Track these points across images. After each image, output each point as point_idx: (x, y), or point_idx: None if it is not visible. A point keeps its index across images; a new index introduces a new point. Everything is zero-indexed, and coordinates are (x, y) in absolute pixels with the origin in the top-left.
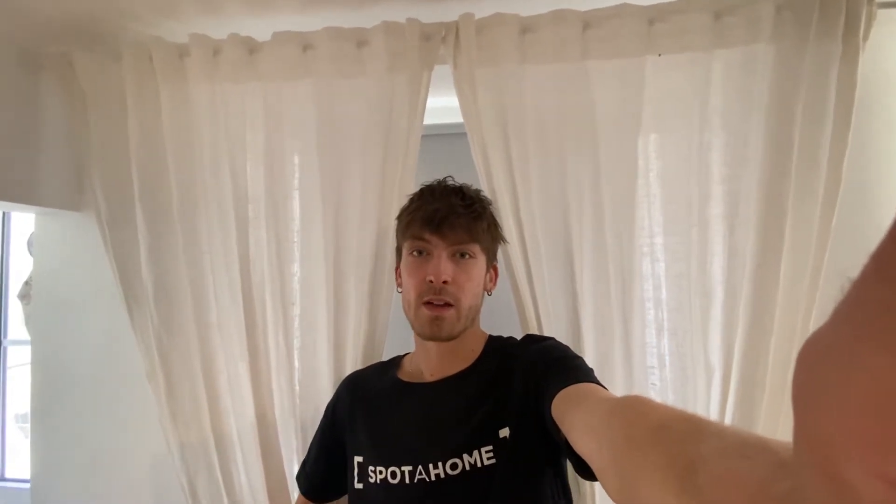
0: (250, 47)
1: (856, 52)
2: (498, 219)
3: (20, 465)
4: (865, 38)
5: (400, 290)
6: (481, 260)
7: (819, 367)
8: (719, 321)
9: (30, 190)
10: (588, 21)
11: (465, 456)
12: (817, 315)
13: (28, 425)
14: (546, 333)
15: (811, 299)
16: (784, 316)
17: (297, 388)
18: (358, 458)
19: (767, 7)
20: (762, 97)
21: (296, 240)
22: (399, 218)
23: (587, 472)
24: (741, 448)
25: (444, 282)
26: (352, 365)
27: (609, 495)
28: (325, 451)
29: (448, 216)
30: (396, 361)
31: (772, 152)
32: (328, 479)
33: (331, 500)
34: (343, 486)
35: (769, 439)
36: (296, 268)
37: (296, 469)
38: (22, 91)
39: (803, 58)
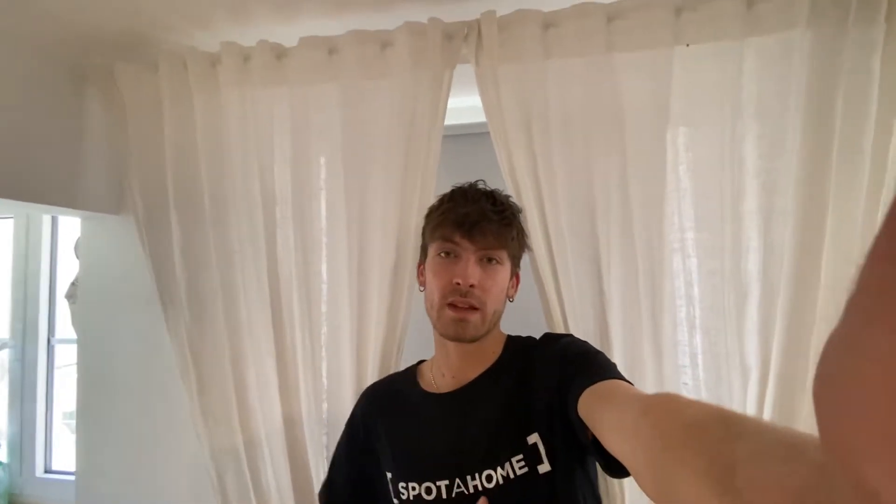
0: (278, 53)
1: None
2: (524, 220)
3: (64, 458)
4: None
5: (422, 288)
6: (507, 266)
7: (832, 362)
8: (755, 319)
9: (74, 195)
10: (612, 13)
11: (499, 469)
12: None
13: (73, 422)
14: (573, 333)
15: None
16: (826, 315)
17: (325, 383)
18: (388, 475)
19: None
20: (799, 86)
21: (323, 239)
22: (428, 217)
23: (616, 471)
24: (779, 449)
25: (471, 285)
26: (373, 363)
27: (647, 495)
28: (356, 472)
29: (479, 221)
30: (414, 370)
31: (811, 143)
32: (365, 500)
33: None
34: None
35: (808, 438)
36: (322, 267)
37: (322, 468)
38: (68, 101)
39: (843, 44)
